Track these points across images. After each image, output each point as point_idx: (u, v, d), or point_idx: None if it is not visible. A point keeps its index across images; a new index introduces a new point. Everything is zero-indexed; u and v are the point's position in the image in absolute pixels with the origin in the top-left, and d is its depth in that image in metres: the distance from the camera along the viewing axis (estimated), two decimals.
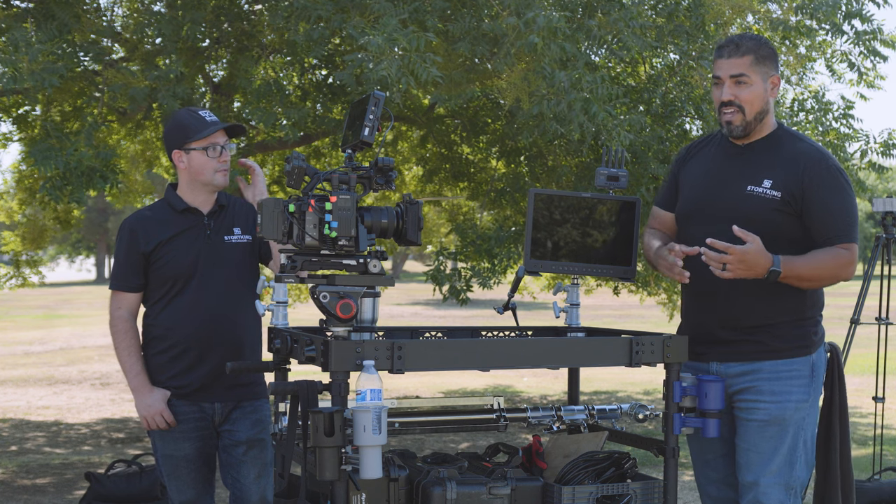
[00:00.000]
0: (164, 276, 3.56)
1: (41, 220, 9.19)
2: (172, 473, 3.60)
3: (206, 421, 3.60)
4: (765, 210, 3.14)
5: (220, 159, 3.55)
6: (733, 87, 3.18)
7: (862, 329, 6.28)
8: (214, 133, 3.54)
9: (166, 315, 3.58)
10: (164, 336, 3.58)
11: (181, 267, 3.55)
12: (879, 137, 7.13)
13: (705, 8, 6.15)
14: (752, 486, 3.17)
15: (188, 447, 3.58)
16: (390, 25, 4.84)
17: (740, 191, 3.19)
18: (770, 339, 3.18)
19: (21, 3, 6.43)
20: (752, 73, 3.17)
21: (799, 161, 3.17)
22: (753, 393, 3.18)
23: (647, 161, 6.05)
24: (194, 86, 6.85)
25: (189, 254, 3.55)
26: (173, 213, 3.60)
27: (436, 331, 3.39)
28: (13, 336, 18.83)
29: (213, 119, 3.58)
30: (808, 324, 3.23)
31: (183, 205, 3.60)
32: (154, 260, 3.56)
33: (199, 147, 3.53)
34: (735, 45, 3.19)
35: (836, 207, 3.14)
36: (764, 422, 3.16)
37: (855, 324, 6.10)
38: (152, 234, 3.56)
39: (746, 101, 3.18)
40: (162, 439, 3.60)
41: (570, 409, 3.34)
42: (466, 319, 20.51)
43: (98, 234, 47.84)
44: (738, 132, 3.22)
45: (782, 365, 3.17)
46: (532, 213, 3.32)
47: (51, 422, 9.21)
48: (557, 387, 11.48)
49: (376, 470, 2.63)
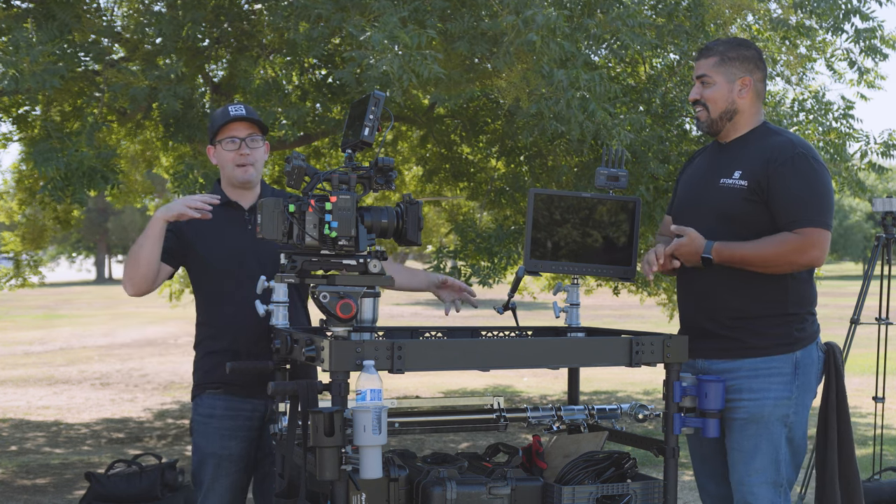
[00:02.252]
0: (207, 269, 3.49)
1: (41, 220, 9.19)
2: (211, 474, 3.44)
3: (253, 421, 3.47)
4: (735, 200, 3.21)
5: (239, 152, 3.49)
6: (699, 86, 3.36)
7: (862, 329, 6.27)
8: (230, 124, 3.48)
9: (216, 314, 3.49)
10: (216, 336, 3.49)
11: (223, 261, 3.47)
12: (879, 138, 7.13)
13: (705, 7, 6.15)
14: (739, 484, 3.21)
15: (234, 446, 3.45)
16: (390, 23, 4.84)
17: (715, 184, 3.29)
18: (749, 337, 3.21)
19: (21, 4, 6.43)
20: (714, 74, 3.32)
21: (767, 151, 3.23)
22: (734, 391, 3.21)
23: (647, 161, 6.05)
24: (194, 86, 6.85)
25: (231, 248, 3.48)
26: (219, 207, 3.47)
27: (436, 331, 3.39)
28: (13, 336, 18.83)
29: (237, 112, 3.50)
30: (791, 320, 3.24)
31: (225, 198, 3.53)
32: (195, 249, 3.47)
33: (221, 140, 3.50)
34: (707, 48, 3.39)
35: (797, 193, 3.16)
36: (744, 420, 3.20)
37: (855, 324, 6.10)
38: (196, 222, 3.44)
39: (709, 99, 3.34)
40: (206, 437, 3.45)
41: (570, 409, 3.34)
42: (466, 319, 20.49)
43: (98, 234, 47.86)
44: (703, 128, 3.40)
45: (761, 363, 3.19)
46: (532, 213, 3.32)
47: (51, 422, 9.21)
48: (557, 387, 11.48)
49: (376, 470, 2.63)
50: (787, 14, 6.70)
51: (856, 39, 6.60)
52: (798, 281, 3.26)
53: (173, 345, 16.68)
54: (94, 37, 6.28)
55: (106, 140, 7.77)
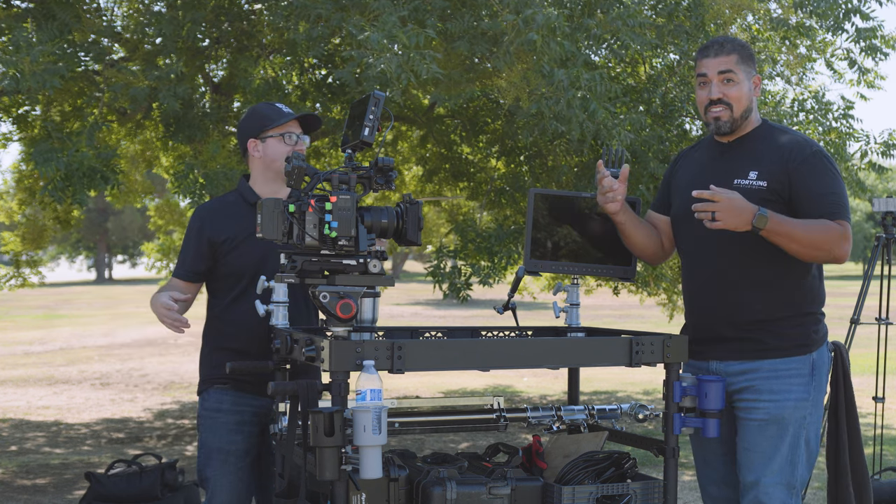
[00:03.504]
0: (231, 271, 3.49)
1: (41, 220, 9.19)
2: (219, 469, 3.45)
3: (260, 417, 3.48)
4: (752, 201, 3.15)
5: (296, 147, 3.53)
6: (721, 84, 3.24)
7: (862, 329, 6.27)
8: (290, 122, 3.54)
9: (234, 312, 3.49)
10: (232, 335, 3.48)
11: (248, 262, 3.46)
12: (880, 137, 7.14)
13: (705, 7, 6.15)
14: (753, 485, 3.17)
15: (240, 441, 3.46)
16: (390, 23, 4.84)
17: (727, 185, 3.21)
18: (769, 338, 3.19)
19: (21, 4, 6.44)
20: (738, 71, 3.24)
21: (783, 150, 3.20)
22: (752, 392, 3.18)
23: (647, 160, 6.05)
24: (194, 86, 6.85)
25: (258, 250, 3.45)
26: (245, 205, 3.51)
27: (436, 331, 3.38)
28: (13, 336, 18.84)
29: (290, 111, 3.58)
30: (807, 321, 3.23)
31: (255, 197, 3.51)
32: (223, 253, 3.48)
33: (276, 134, 3.52)
34: (720, 45, 3.28)
35: (823, 190, 3.14)
36: (763, 421, 3.17)
37: (855, 324, 6.10)
38: (223, 225, 3.47)
39: (734, 98, 3.24)
40: (213, 432, 3.47)
41: (570, 409, 3.34)
42: (466, 319, 20.51)
43: (98, 234, 47.88)
44: (725, 128, 3.27)
45: (781, 364, 3.17)
46: (532, 213, 3.32)
47: (51, 422, 9.21)
48: (557, 387, 11.48)
49: (376, 470, 2.63)
50: (787, 14, 6.70)
51: (856, 39, 6.60)
52: (814, 279, 3.25)
53: (173, 345, 16.67)
54: (94, 37, 6.28)
55: (106, 140, 7.77)
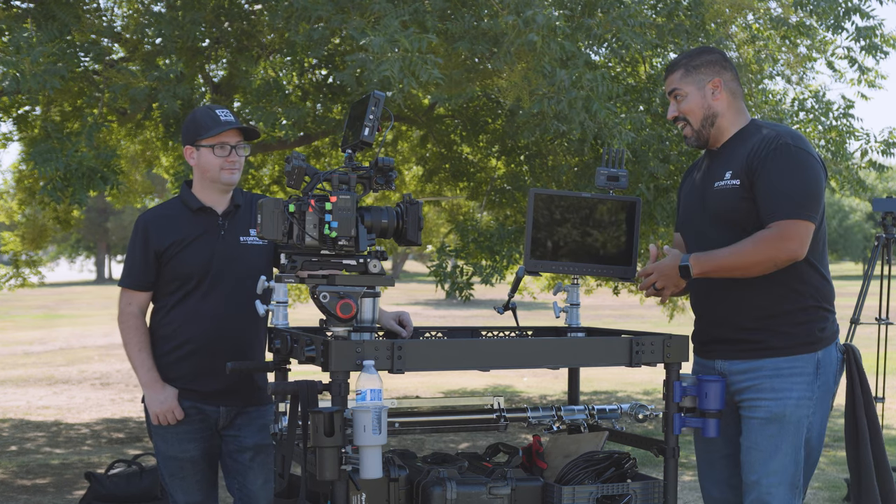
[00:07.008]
0: (175, 276, 3.52)
1: (41, 220, 9.19)
2: (177, 475, 3.55)
3: (209, 423, 3.56)
4: (729, 201, 3.16)
5: (229, 159, 3.51)
6: (674, 103, 3.34)
7: (862, 329, 6.27)
8: (225, 132, 3.50)
9: (175, 315, 3.54)
10: (171, 336, 3.54)
11: (193, 267, 3.50)
12: (880, 136, 7.14)
13: (705, 7, 6.15)
14: (755, 484, 3.16)
15: (193, 448, 3.54)
16: (391, 27, 4.84)
17: (710, 189, 3.26)
18: (771, 337, 3.18)
19: (21, 4, 6.43)
20: (683, 86, 3.30)
21: (753, 146, 3.18)
22: (755, 391, 3.18)
23: (647, 160, 6.05)
24: (194, 86, 6.85)
25: (202, 254, 3.51)
26: (188, 211, 3.55)
27: (436, 331, 3.39)
28: (13, 336, 18.84)
29: (228, 119, 3.52)
30: (812, 317, 3.20)
31: (197, 203, 3.55)
32: (166, 259, 3.51)
33: (209, 145, 3.51)
34: (671, 65, 3.37)
35: (777, 185, 3.09)
36: (765, 419, 3.16)
37: (855, 324, 6.10)
38: (166, 233, 3.51)
39: (687, 111, 3.31)
40: (165, 441, 3.55)
41: (570, 409, 3.34)
42: (466, 319, 20.51)
43: (98, 234, 47.82)
44: (692, 143, 3.37)
45: (784, 362, 3.16)
46: (532, 213, 3.32)
47: (51, 422, 9.21)
48: (557, 387, 11.48)
49: (376, 470, 2.63)
50: (787, 13, 6.70)
51: (856, 38, 6.59)
52: (814, 273, 3.21)
53: None
54: (94, 37, 6.28)
55: (106, 140, 7.77)
